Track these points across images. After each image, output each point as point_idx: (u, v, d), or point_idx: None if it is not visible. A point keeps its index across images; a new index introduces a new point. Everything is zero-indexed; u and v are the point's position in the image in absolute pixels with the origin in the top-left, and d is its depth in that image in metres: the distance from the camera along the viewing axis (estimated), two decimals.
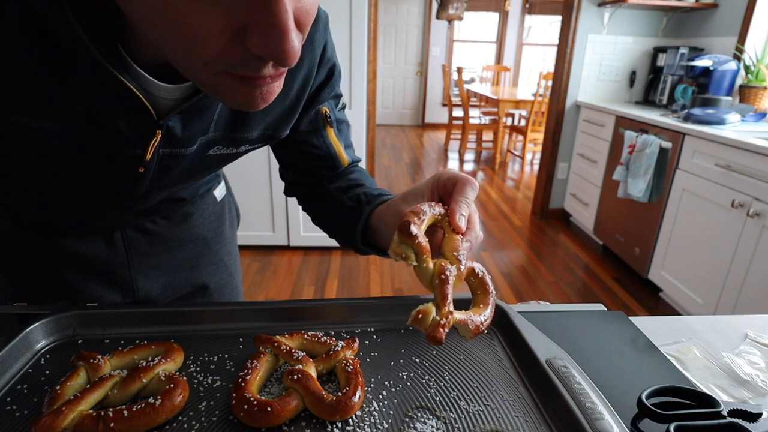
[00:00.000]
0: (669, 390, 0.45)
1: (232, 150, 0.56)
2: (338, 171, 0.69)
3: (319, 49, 0.58)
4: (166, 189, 0.58)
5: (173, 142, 0.48)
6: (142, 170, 0.49)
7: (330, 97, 0.64)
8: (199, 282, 0.77)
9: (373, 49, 2.67)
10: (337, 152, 0.67)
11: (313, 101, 0.62)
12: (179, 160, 0.51)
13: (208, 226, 0.77)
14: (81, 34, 0.37)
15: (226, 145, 0.55)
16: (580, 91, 3.32)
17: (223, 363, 0.49)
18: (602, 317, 0.61)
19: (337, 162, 0.68)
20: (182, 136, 0.48)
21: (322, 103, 0.63)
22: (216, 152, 0.55)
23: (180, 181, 0.57)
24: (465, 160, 5.77)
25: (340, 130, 0.67)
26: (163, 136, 0.47)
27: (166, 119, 0.45)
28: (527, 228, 3.55)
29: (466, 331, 0.42)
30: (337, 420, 0.41)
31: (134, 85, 0.41)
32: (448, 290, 0.42)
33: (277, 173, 0.74)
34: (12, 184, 0.54)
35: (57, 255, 0.64)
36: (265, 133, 0.57)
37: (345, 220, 0.64)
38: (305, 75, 0.57)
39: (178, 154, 0.50)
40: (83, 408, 0.39)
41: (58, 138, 0.44)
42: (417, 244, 0.42)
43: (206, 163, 0.56)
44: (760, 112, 2.42)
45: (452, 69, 7.16)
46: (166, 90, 0.44)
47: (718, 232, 2.06)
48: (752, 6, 2.59)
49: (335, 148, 0.66)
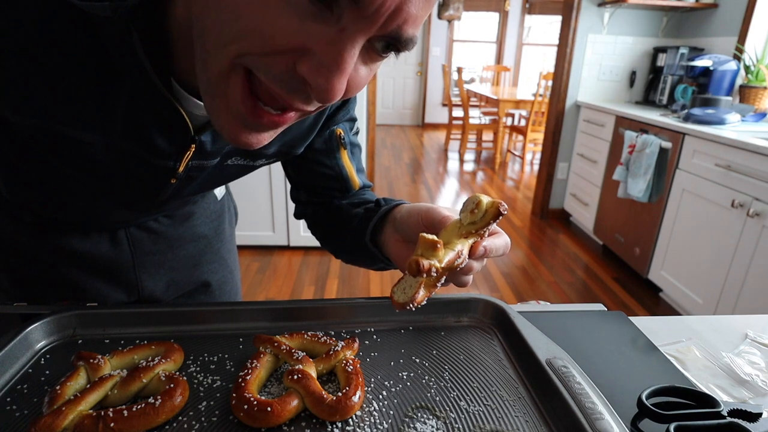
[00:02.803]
0: (669, 390, 0.45)
1: (248, 162, 0.58)
2: (349, 193, 0.70)
3: None
4: (185, 197, 0.60)
5: (203, 155, 0.51)
6: (174, 181, 0.52)
7: (345, 120, 0.65)
8: (201, 279, 0.78)
9: None
10: (349, 174, 0.68)
11: (329, 122, 0.63)
12: (202, 171, 0.53)
13: (209, 224, 0.78)
14: (144, 59, 0.39)
15: (243, 156, 0.56)
16: (580, 91, 3.32)
17: (223, 363, 0.49)
18: (602, 317, 0.61)
19: (349, 184, 0.69)
20: (211, 150, 0.50)
21: (337, 124, 0.64)
22: (234, 162, 0.57)
23: (199, 190, 0.60)
24: (465, 160, 5.77)
25: (353, 153, 0.68)
26: (196, 149, 0.49)
27: (201, 134, 0.48)
28: (527, 228, 3.55)
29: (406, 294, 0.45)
30: (337, 420, 0.41)
31: (178, 104, 0.43)
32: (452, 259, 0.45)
33: (277, 174, 0.74)
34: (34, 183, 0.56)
35: (61, 254, 0.64)
36: (281, 149, 0.59)
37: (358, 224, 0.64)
38: None
39: (203, 165, 0.52)
40: (83, 408, 0.39)
41: (96, 149, 0.45)
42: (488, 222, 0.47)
43: (224, 173, 0.58)
44: (760, 112, 2.42)
45: (452, 69, 7.16)
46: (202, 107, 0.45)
47: (718, 232, 2.06)
48: (752, 6, 2.59)
49: (347, 170, 0.68)
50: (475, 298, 0.58)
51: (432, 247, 0.44)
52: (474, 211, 0.47)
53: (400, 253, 0.57)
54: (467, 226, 0.47)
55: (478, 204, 0.47)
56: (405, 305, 0.45)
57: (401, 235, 0.57)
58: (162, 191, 0.54)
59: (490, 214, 0.47)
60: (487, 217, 0.47)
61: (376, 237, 0.62)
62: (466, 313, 0.58)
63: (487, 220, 0.47)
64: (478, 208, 0.47)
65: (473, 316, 0.58)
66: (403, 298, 0.45)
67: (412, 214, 0.54)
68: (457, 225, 0.48)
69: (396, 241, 0.58)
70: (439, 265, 0.44)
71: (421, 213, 0.53)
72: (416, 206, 0.55)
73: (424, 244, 0.44)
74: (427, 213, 0.52)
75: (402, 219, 0.56)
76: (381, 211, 0.61)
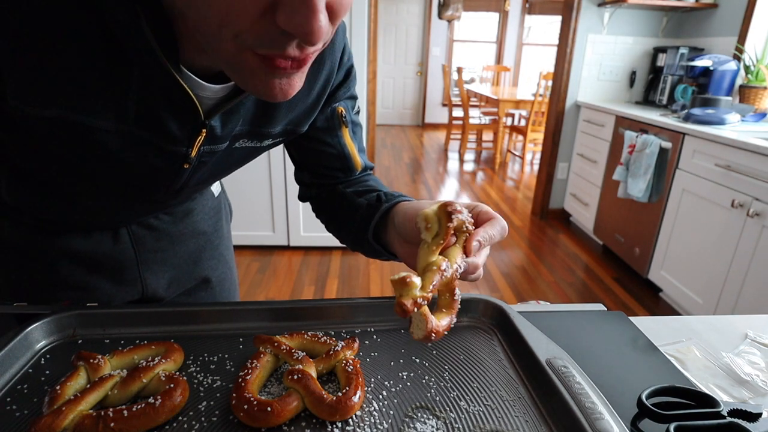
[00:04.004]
0: (669, 390, 0.45)
1: (256, 143, 0.58)
2: (352, 174, 0.70)
3: (339, 52, 0.60)
4: (197, 185, 0.60)
5: (213, 140, 0.51)
6: (187, 166, 0.52)
7: (346, 97, 0.65)
8: (202, 276, 0.78)
9: (373, 49, 2.67)
10: (351, 153, 0.68)
11: (330, 99, 0.63)
12: (213, 156, 0.54)
13: (208, 220, 0.78)
14: (152, 41, 0.39)
15: (250, 138, 0.57)
16: (580, 91, 3.32)
17: (223, 363, 0.49)
18: (602, 317, 0.61)
19: (351, 164, 0.69)
20: (221, 134, 0.51)
21: (338, 101, 0.64)
22: (241, 145, 0.57)
23: (209, 176, 0.60)
24: (465, 160, 5.77)
25: (354, 132, 0.68)
26: (207, 134, 0.49)
27: (210, 119, 0.48)
28: (527, 228, 3.55)
29: (420, 329, 0.42)
30: (337, 420, 0.41)
31: (189, 87, 0.43)
32: (436, 281, 0.43)
33: (277, 173, 0.75)
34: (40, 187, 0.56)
35: (63, 254, 0.64)
36: (287, 128, 0.59)
37: (361, 218, 0.64)
38: (327, 75, 0.59)
39: (214, 150, 0.53)
40: (83, 408, 0.39)
41: (110, 137, 0.46)
42: (447, 228, 0.44)
43: (233, 157, 0.59)
44: (760, 112, 2.42)
45: (452, 69, 7.16)
46: (211, 90, 0.46)
47: (718, 232, 2.06)
48: (752, 6, 2.59)
49: (349, 149, 0.68)
50: (475, 298, 0.58)
51: (404, 284, 0.41)
52: (428, 227, 0.45)
53: (406, 252, 0.58)
54: (434, 241, 0.45)
55: (426, 218, 0.45)
56: (428, 339, 0.42)
57: (403, 237, 0.57)
58: (176, 179, 0.54)
59: (444, 219, 0.45)
60: (443, 224, 0.45)
61: (379, 234, 0.63)
62: (466, 313, 0.58)
63: (445, 225, 0.45)
64: (429, 222, 0.45)
65: (473, 316, 0.58)
66: (422, 334, 0.42)
67: (407, 219, 0.54)
68: (425, 245, 0.46)
69: (399, 241, 0.58)
70: (426, 293, 0.41)
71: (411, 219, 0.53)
72: (410, 210, 0.55)
73: (396, 285, 0.41)
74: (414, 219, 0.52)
75: (400, 223, 0.56)
76: (381, 210, 0.61)
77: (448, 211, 0.45)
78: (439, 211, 0.45)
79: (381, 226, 0.62)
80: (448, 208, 0.45)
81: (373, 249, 0.64)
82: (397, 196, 0.63)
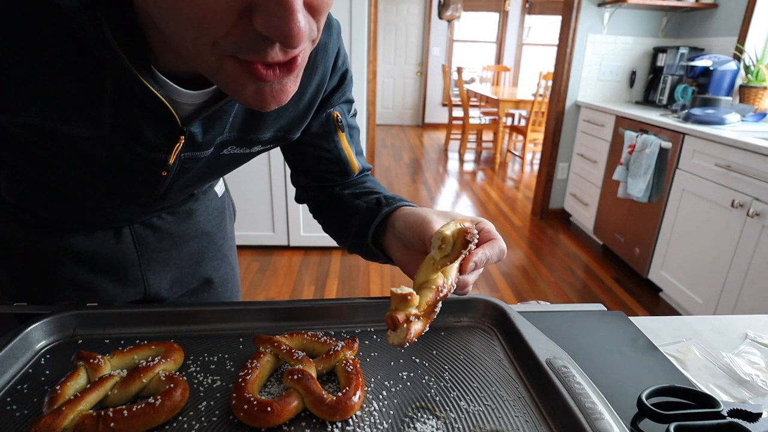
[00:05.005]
0: (669, 390, 0.45)
1: (245, 150, 0.57)
2: (349, 177, 0.69)
3: (332, 56, 0.59)
4: (182, 189, 0.60)
5: (194, 146, 0.50)
6: (165, 174, 0.52)
7: (341, 102, 0.64)
8: (205, 276, 0.78)
9: (373, 49, 2.67)
10: (348, 157, 0.67)
11: (325, 104, 0.62)
12: (197, 162, 0.53)
13: (211, 221, 0.78)
14: (117, 49, 0.38)
15: (239, 145, 0.56)
16: (580, 91, 3.32)
17: (223, 363, 0.49)
18: (602, 317, 0.61)
19: (348, 168, 0.68)
20: (202, 141, 0.50)
21: (333, 106, 0.63)
22: (229, 152, 0.56)
23: (196, 181, 0.59)
24: (465, 160, 5.77)
25: (351, 136, 0.67)
26: (186, 141, 0.48)
27: (189, 125, 0.47)
28: (527, 228, 3.55)
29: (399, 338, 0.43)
30: (337, 420, 0.41)
31: (162, 94, 0.42)
32: (431, 299, 0.44)
33: (277, 173, 0.74)
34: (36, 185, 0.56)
35: (66, 254, 0.64)
36: (277, 134, 0.58)
37: (360, 222, 0.63)
38: (319, 80, 0.58)
39: (196, 157, 0.52)
40: (83, 408, 0.39)
41: (87, 143, 0.45)
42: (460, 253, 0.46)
43: (220, 163, 0.58)
44: (760, 112, 2.42)
45: (452, 69, 7.16)
46: (188, 96, 0.45)
47: (718, 232, 2.06)
48: (752, 6, 2.59)
49: (346, 153, 0.67)
50: (475, 298, 0.58)
51: (404, 300, 0.43)
52: (442, 247, 0.46)
53: (404, 258, 0.57)
54: (441, 260, 0.46)
55: (443, 239, 0.45)
56: (401, 346, 0.44)
57: (402, 243, 0.57)
58: (157, 184, 0.54)
59: (460, 244, 0.46)
60: (457, 248, 0.46)
61: (378, 239, 0.62)
62: (466, 313, 0.58)
63: (458, 250, 0.46)
64: (444, 243, 0.45)
65: (473, 316, 0.58)
66: (398, 341, 0.43)
67: (408, 226, 0.54)
68: (431, 261, 0.46)
69: (398, 246, 0.58)
70: (418, 312, 0.43)
71: (416, 228, 0.52)
72: (412, 217, 0.54)
73: (396, 299, 0.43)
74: (420, 228, 0.52)
75: (400, 229, 0.56)
76: (381, 215, 0.60)
77: (467, 239, 0.46)
78: (457, 234, 0.46)
79: (380, 230, 0.62)
80: (467, 237, 0.46)
81: (372, 252, 0.63)
82: (397, 200, 0.63)
